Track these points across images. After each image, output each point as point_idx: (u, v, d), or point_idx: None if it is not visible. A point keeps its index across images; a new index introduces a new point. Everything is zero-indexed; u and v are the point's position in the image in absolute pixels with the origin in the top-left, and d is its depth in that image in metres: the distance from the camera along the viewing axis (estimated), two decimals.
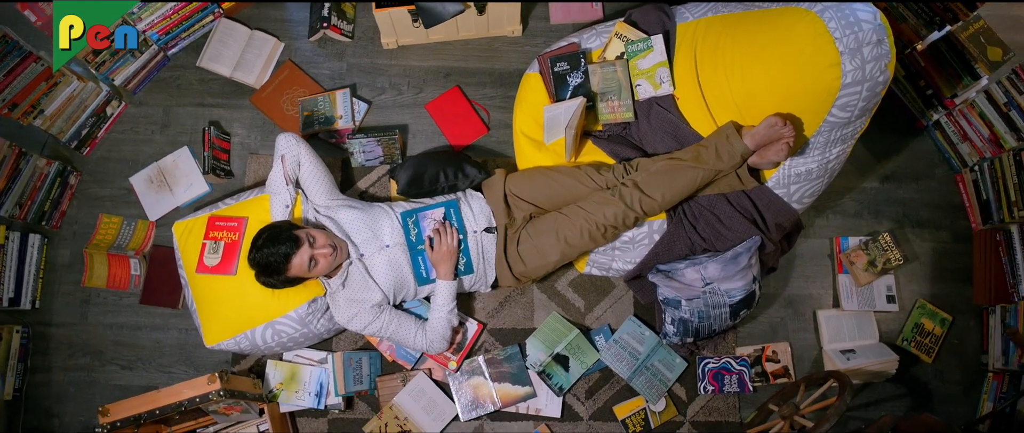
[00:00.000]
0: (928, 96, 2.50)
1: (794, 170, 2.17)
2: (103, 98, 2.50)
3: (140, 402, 1.90)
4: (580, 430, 2.39)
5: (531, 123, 2.37)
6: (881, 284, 2.50)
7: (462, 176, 2.37)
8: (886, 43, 1.86)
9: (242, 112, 2.62)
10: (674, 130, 2.24)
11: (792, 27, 1.92)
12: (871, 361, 2.37)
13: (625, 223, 2.18)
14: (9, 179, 2.24)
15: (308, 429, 2.36)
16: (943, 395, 2.46)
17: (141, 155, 2.58)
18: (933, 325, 2.49)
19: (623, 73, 2.28)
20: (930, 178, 2.63)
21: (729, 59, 2.09)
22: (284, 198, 2.21)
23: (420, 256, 2.22)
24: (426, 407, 2.35)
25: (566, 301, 2.47)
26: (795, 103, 2.00)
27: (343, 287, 2.17)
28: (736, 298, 2.26)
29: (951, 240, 2.58)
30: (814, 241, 2.56)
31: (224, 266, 2.16)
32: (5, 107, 2.16)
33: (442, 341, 2.26)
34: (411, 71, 2.67)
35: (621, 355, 2.39)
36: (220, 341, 2.16)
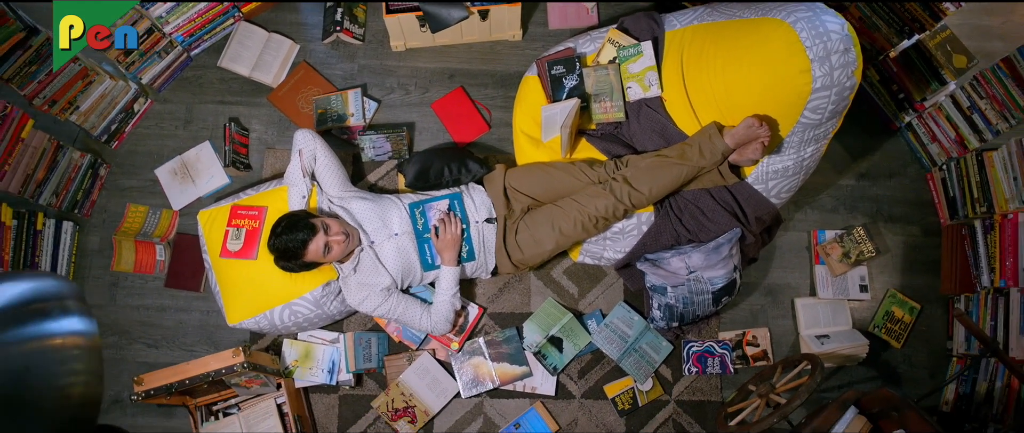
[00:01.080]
0: (900, 100, 2.68)
1: (771, 167, 2.35)
2: (131, 96, 2.68)
3: (171, 373, 2.08)
4: (573, 407, 2.57)
5: (530, 122, 2.55)
6: (855, 275, 2.68)
7: (465, 171, 2.55)
8: (853, 52, 2.04)
9: (260, 109, 2.80)
10: (662, 129, 2.42)
11: (768, 36, 2.10)
12: (844, 345, 2.55)
13: (615, 215, 2.36)
14: (48, 170, 2.42)
15: (321, 404, 2.54)
16: (911, 378, 2.64)
17: (165, 149, 2.76)
18: (903, 313, 2.67)
19: (615, 76, 2.45)
20: (902, 176, 2.80)
21: (712, 64, 2.27)
22: (301, 189, 2.39)
23: (426, 244, 2.40)
24: (430, 384, 2.53)
25: (561, 287, 2.66)
26: (771, 105, 2.18)
27: (355, 272, 2.35)
28: (718, 285, 2.44)
29: (921, 234, 2.76)
30: (793, 234, 2.74)
31: (246, 251, 2.35)
32: (45, 103, 2.34)
33: (445, 323, 2.44)
34: (418, 72, 2.85)
35: (611, 338, 2.57)
36: (241, 320, 2.35)
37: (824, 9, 2.07)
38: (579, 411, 2.56)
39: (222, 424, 2.30)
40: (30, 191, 2.38)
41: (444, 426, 2.54)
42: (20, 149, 2.27)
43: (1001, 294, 2.41)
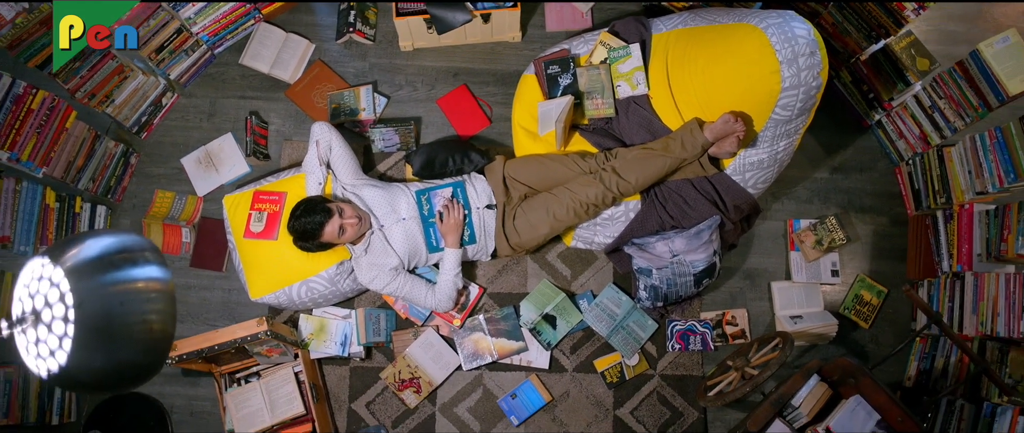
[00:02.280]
0: (870, 99, 2.90)
1: (748, 160, 2.57)
2: (160, 90, 2.90)
3: (202, 339, 2.31)
4: (565, 380, 2.79)
5: (527, 117, 2.76)
6: (827, 261, 2.90)
7: (468, 161, 2.77)
8: (818, 55, 2.26)
9: (278, 104, 3.03)
10: (648, 124, 2.64)
11: (743, 40, 2.32)
12: (816, 325, 2.77)
13: (605, 202, 2.58)
14: (86, 158, 2.65)
15: (333, 375, 2.77)
16: (877, 356, 2.85)
17: (191, 139, 2.98)
18: (871, 296, 2.88)
19: (606, 76, 2.67)
20: (873, 170, 3.02)
21: (694, 65, 2.49)
22: (317, 176, 2.61)
23: (431, 228, 2.62)
24: (434, 358, 2.75)
25: (555, 270, 2.88)
26: (746, 103, 2.40)
27: (366, 253, 2.58)
28: (699, 268, 2.66)
29: (889, 224, 2.97)
30: (771, 223, 2.96)
31: (267, 232, 2.57)
32: (86, 96, 2.57)
33: (448, 301, 2.66)
34: (425, 71, 3.08)
35: (601, 316, 2.79)
36: (263, 295, 2.57)
37: (793, 16, 2.29)
38: (571, 383, 2.78)
39: (244, 389, 2.52)
40: (71, 177, 2.61)
41: (446, 396, 2.77)
42: (64, 138, 2.49)
43: (958, 278, 2.63)
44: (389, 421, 2.73)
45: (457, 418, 2.75)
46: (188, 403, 2.77)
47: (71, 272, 1.09)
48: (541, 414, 2.75)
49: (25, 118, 2.30)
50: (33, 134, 2.35)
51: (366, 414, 2.74)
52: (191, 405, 2.77)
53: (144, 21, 2.58)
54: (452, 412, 2.75)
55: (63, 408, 2.63)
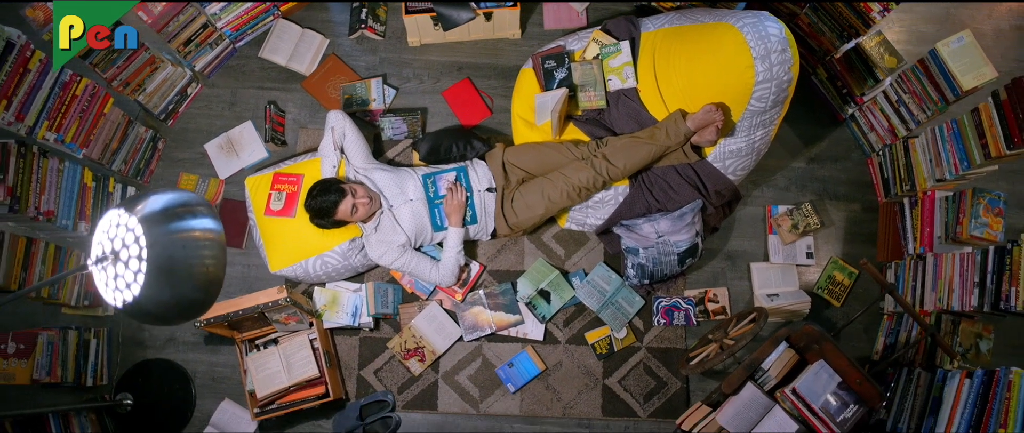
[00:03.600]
0: (844, 94, 3.12)
1: (727, 148, 2.80)
2: (186, 80, 3.14)
3: (227, 305, 2.54)
4: (558, 351, 3.02)
5: (525, 108, 2.99)
6: (802, 244, 3.12)
7: (470, 148, 3.00)
8: (789, 52, 2.49)
9: (295, 94, 3.26)
10: (636, 115, 2.87)
11: (721, 37, 2.55)
12: (790, 302, 3.00)
13: (595, 186, 2.80)
14: (120, 141, 2.88)
15: (344, 344, 3.00)
16: (848, 332, 3.07)
17: (214, 126, 3.22)
18: (843, 277, 3.11)
19: (598, 70, 2.89)
20: (847, 160, 3.25)
21: (678, 60, 2.72)
22: (332, 160, 2.85)
23: (436, 209, 2.85)
24: (437, 329, 2.98)
25: (550, 250, 3.11)
26: (724, 95, 2.63)
27: (376, 231, 2.81)
28: (682, 248, 2.89)
29: (861, 210, 3.20)
30: (751, 208, 3.19)
31: (286, 210, 2.81)
32: (120, 85, 2.80)
33: (451, 276, 2.89)
34: (431, 65, 3.31)
35: (592, 293, 3.02)
36: (281, 268, 2.81)
37: (767, 16, 2.52)
38: (564, 354, 3.01)
39: (264, 354, 2.75)
40: (106, 158, 2.84)
41: (448, 365, 3.00)
42: (102, 122, 2.73)
43: (921, 259, 2.85)
44: (395, 387, 2.97)
45: (458, 385, 2.98)
46: (210, 369, 3.00)
47: (144, 220, 1.32)
48: (536, 382, 2.98)
49: (70, 103, 2.53)
50: (76, 118, 2.58)
51: (374, 380, 2.97)
52: (212, 371, 3.00)
53: (174, 16, 2.81)
54: (453, 379, 2.98)
55: (96, 371, 2.87)
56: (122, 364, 2.99)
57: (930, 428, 2.39)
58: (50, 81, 2.40)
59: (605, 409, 2.96)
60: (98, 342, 2.89)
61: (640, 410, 2.96)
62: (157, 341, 3.03)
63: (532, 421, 2.97)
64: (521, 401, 2.96)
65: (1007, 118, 2.38)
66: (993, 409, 2.16)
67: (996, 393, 2.17)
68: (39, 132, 2.43)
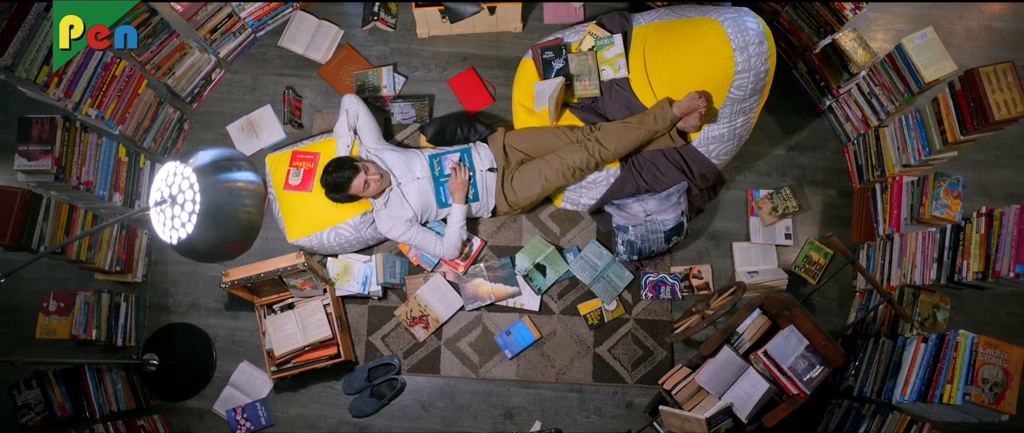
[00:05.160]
0: (822, 87, 3.35)
1: (710, 134, 3.03)
2: (211, 66, 3.38)
3: (250, 268, 2.79)
4: (552, 321, 3.25)
5: (525, 95, 3.23)
6: (781, 225, 3.35)
7: (473, 131, 3.24)
8: (765, 44, 2.72)
9: (311, 81, 3.50)
10: (628, 103, 3.10)
11: (704, 30, 2.79)
12: (769, 279, 3.23)
13: (588, 167, 3.04)
14: (152, 120, 3.13)
15: (354, 312, 3.24)
16: (822, 308, 3.31)
17: (235, 110, 3.46)
18: (818, 257, 3.33)
19: (593, 61, 3.12)
20: (824, 149, 3.48)
21: (665, 52, 2.95)
22: (346, 140, 3.09)
23: (442, 187, 3.09)
24: (441, 299, 3.22)
25: (546, 227, 3.34)
26: (707, 84, 2.86)
27: (385, 206, 3.05)
28: (668, 226, 3.12)
29: (837, 195, 3.43)
30: (734, 192, 3.42)
31: (303, 185, 3.05)
32: (153, 68, 3.05)
33: (454, 250, 3.13)
34: (438, 55, 3.55)
35: (585, 267, 3.25)
36: (298, 238, 3.05)
37: (747, 12, 2.76)
38: (557, 324, 3.25)
39: (281, 316, 2.99)
40: (139, 136, 3.09)
41: (451, 332, 3.23)
42: (136, 102, 2.97)
43: (889, 239, 3.08)
44: (401, 352, 3.20)
45: (459, 351, 3.22)
46: (230, 333, 3.25)
47: (197, 170, 1.56)
48: (531, 349, 3.21)
49: (110, 83, 2.78)
50: (115, 96, 2.83)
51: (381, 346, 3.21)
52: (232, 335, 3.24)
53: (202, 6, 3.06)
54: (455, 346, 3.22)
55: (126, 333, 3.11)
56: (149, 327, 3.23)
57: (890, 389, 2.62)
58: (94, 61, 2.64)
59: (595, 375, 3.19)
60: (127, 306, 3.13)
61: (628, 377, 3.20)
62: (181, 307, 3.27)
63: (527, 385, 3.20)
64: (517, 367, 3.20)
65: (961, 107, 2.61)
66: (942, 367, 2.39)
67: (946, 354, 2.40)
68: (83, 108, 2.68)
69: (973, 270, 2.51)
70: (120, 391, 2.96)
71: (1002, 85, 2.48)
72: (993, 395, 2.24)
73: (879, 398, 2.71)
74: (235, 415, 3.10)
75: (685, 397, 2.73)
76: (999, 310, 3.28)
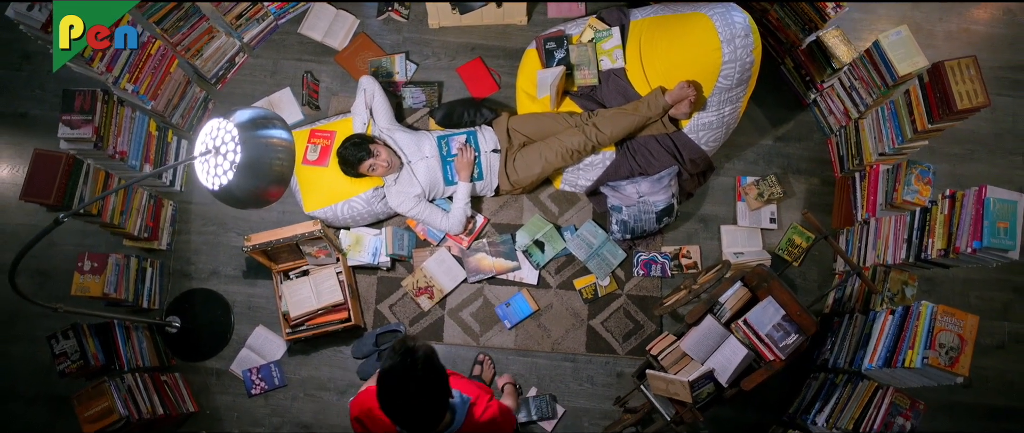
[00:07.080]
0: (807, 81, 3.57)
1: (700, 121, 3.25)
2: (235, 50, 3.62)
3: (270, 234, 3.01)
4: (549, 294, 3.47)
5: (528, 83, 3.45)
6: (767, 211, 3.56)
7: (479, 115, 3.46)
8: (751, 37, 2.94)
9: (328, 66, 3.73)
10: (624, 91, 3.32)
11: (694, 23, 3.01)
12: (752, 259, 3.44)
13: (585, 150, 3.26)
14: (180, 99, 3.36)
15: (364, 282, 3.46)
16: (804, 288, 3.52)
17: (257, 91, 3.69)
18: (801, 241, 3.54)
19: (592, 52, 3.35)
20: (809, 140, 3.69)
21: (659, 44, 3.17)
22: (362, 119, 3.32)
23: (449, 166, 3.32)
24: (446, 271, 3.44)
25: (545, 207, 3.56)
26: (697, 74, 3.08)
27: (395, 182, 3.28)
28: (659, 207, 3.33)
29: (820, 184, 3.64)
30: (723, 178, 3.64)
31: (320, 160, 3.28)
32: (183, 49, 3.28)
33: (459, 225, 3.35)
34: (448, 44, 3.78)
35: (581, 245, 3.47)
36: (314, 210, 3.28)
37: (734, 7, 2.98)
38: (554, 297, 3.46)
39: (296, 282, 3.21)
40: (168, 113, 3.32)
41: (454, 302, 3.45)
42: (168, 80, 3.21)
43: (866, 224, 3.29)
44: (407, 320, 3.42)
45: (461, 320, 3.44)
46: (247, 299, 3.47)
47: (238, 125, 1.79)
48: (529, 321, 3.43)
49: (146, 61, 3.01)
50: (149, 74, 3.06)
51: (389, 314, 3.43)
52: (249, 300, 3.47)
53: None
54: (458, 316, 3.44)
55: (150, 296, 3.34)
56: (171, 291, 3.45)
57: (861, 358, 2.83)
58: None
59: (589, 346, 3.41)
60: (153, 271, 3.36)
61: (619, 348, 3.41)
62: (202, 274, 3.49)
63: (525, 354, 3.42)
64: (516, 336, 3.41)
65: (929, 97, 2.83)
66: (906, 336, 2.60)
67: (909, 323, 2.61)
68: (122, 82, 2.91)
69: (937, 248, 2.72)
70: (145, 349, 3.18)
71: (965, 78, 2.70)
72: (949, 358, 2.45)
73: (851, 367, 2.92)
74: (250, 375, 3.32)
75: (670, 362, 2.93)
76: (970, 294, 3.48)
